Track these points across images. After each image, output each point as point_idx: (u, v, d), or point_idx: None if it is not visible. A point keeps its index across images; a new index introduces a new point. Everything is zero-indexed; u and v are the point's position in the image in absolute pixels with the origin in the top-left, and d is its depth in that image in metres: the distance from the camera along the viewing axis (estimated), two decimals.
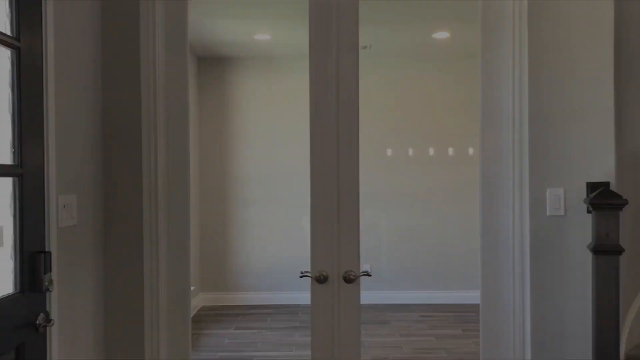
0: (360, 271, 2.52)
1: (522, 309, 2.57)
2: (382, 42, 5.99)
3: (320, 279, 2.43)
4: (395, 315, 6.09)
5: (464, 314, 6.02)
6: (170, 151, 2.56)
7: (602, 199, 2.32)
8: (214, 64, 6.69)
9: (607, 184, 2.50)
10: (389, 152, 6.68)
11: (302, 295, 6.33)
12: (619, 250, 2.31)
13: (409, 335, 5.36)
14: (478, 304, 2.71)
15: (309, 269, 2.45)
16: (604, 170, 2.57)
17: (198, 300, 6.53)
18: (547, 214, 2.55)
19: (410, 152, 6.67)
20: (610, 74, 2.58)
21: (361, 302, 2.56)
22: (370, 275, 2.52)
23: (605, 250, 2.32)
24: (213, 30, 5.54)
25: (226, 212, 6.71)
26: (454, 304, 6.48)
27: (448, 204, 6.64)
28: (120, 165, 2.49)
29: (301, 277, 2.46)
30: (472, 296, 5.90)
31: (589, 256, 2.48)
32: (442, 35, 5.75)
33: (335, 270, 2.47)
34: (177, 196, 2.57)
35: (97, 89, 2.45)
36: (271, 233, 6.68)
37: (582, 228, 2.54)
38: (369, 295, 6.55)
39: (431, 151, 6.67)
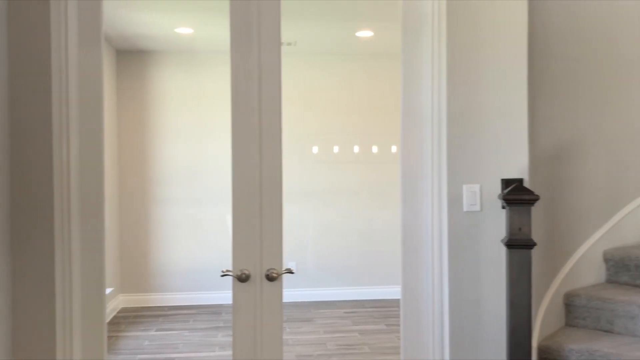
0: (284, 269, 2.50)
1: (441, 302, 2.63)
2: (307, 38, 5.99)
3: (242, 278, 2.39)
4: (320, 312, 6.11)
5: (388, 309, 6.12)
6: (83, 147, 2.45)
7: (515, 194, 2.40)
8: (134, 58, 6.49)
9: (520, 181, 2.59)
10: (315, 149, 6.70)
11: (226, 295, 6.26)
12: (530, 244, 2.40)
13: (333, 332, 5.39)
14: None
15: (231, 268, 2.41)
16: (518, 167, 2.66)
17: (117, 302, 6.33)
18: (464, 210, 2.62)
19: (336, 149, 6.72)
20: (524, 74, 2.68)
21: (286, 300, 2.54)
22: (292, 273, 2.50)
23: (518, 244, 2.40)
24: (132, 23, 5.37)
25: (147, 211, 6.53)
26: (378, 300, 6.58)
27: (373, 202, 6.74)
28: (29, 162, 2.36)
29: (222, 276, 2.42)
30: (396, 291, 6.02)
31: (503, 250, 2.57)
32: (366, 34, 5.81)
33: (257, 268, 2.43)
34: (90, 194, 2.47)
35: (2, 87, 2.30)
36: (195, 232, 6.55)
37: (497, 223, 2.62)
38: (294, 293, 6.57)
39: (356, 149, 6.73)
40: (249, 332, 2.46)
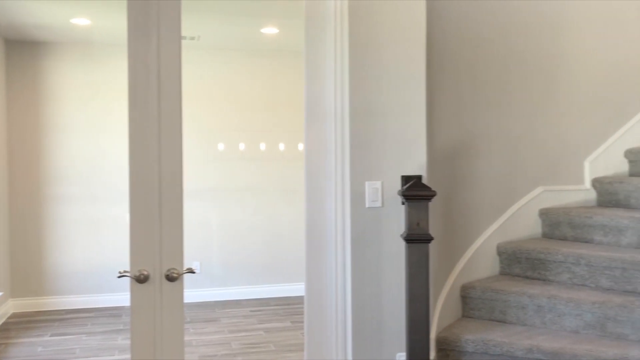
0: (185, 269, 2.43)
1: (344, 298, 2.66)
2: (211, 33, 5.89)
3: (140, 279, 2.30)
4: (225, 311, 6.04)
5: (294, 306, 6.14)
6: None
7: (413, 190, 2.46)
8: (26, 48, 6.12)
9: (419, 177, 2.66)
10: (221, 146, 6.60)
11: (127, 297, 6.04)
12: (428, 239, 2.47)
13: (238, 331, 5.34)
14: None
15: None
16: (418, 164, 2.74)
17: (7, 307, 5.95)
18: (367, 206, 2.66)
19: (242, 146, 6.65)
20: (422, 74, 2.75)
21: (190, 301, 2.49)
22: (194, 273, 2.44)
23: (416, 238, 2.47)
24: (24, 11, 5.06)
25: (41, 211, 6.19)
26: (284, 297, 6.58)
27: (279, 199, 6.72)
28: None
29: (119, 277, 2.32)
30: (302, 288, 6.05)
31: (404, 245, 2.63)
32: (271, 30, 5.78)
33: (157, 268, 2.36)
34: None
35: None
36: (93, 231, 6.28)
37: (398, 218, 2.68)
38: (198, 293, 6.45)
39: (263, 146, 6.70)
40: (148, 334, 2.37)
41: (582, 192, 3.73)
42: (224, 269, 6.58)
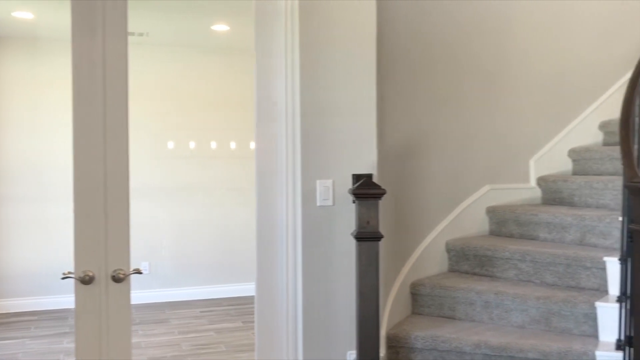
0: (132, 269, 2.38)
1: (295, 297, 2.65)
2: (161, 30, 5.78)
3: (85, 280, 2.24)
4: (176, 312, 5.94)
5: (246, 306, 6.09)
6: None
7: (363, 189, 2.47)
8: None
9: (370, 176, 2.67)
10: (171, 145, 6.49)
11: (72, 299, 5.87)
12: (378, 237, 2.49)
13: (188, 332, 5.26)
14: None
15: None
16: (368, 162, 2.75)
17: None
18: (318, 205, 2.66)
19: (193, 145, 6.56)
20: (373, 73, 2.76)
21: (139, 302, 2.43)
22: (141, 273, 2.39)
23: (366, 237, 2.48)
24: None
25: None
26: (236, 297, 6.52)
27: (231, 198, 6.66)
28: None
29: (63, 278, 2.25)
30: (254, 288, 6.00)
31: (354, 243, 2.64)
32: (221, 27, 5.72)
33: (102, 269, 2.30)
34: None
35: None
36: (36, 232, 6.08)
37: (348, 217, 2.69)
38: (147, 294, 6.32)
39: (213, 144, 6.62)
40: (93, 336, 2.31)
41: (528, 191, 3.83)
42: (174, 269, 6.48)
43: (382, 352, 2.89)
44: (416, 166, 3.41)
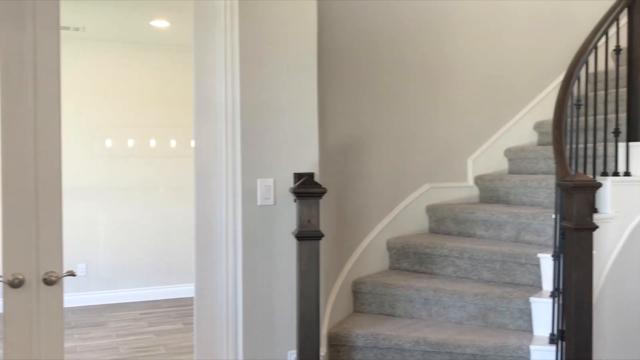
0: (65, 271, 2.29)
1: (235, 298, 2.61)
2: (97, 24, 5.61)
3: (14, 283, 2.14)
4: (113, 315, 5.79)
5: (187, 308, 5.99)
6: None
7: (304, 188, 2.46)
8: None
9: (311, 175, 2.67)
10: (109, 142, 6.31)
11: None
12: (319, 236, 2.48)
13: (126, 335, 5.13)
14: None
15: None
16: (310, 161, 2.74)
17: None
18: (258, 204, 2.63)
19: (131, 143, 6.40)
20: (314, 71, 2.75)
21: (75, 305, 2.35)
22: (74, 275, 2.31)
23: (307, 236, 2.47)
24: None
25: None
26: (176, 299, 6.41)
27: (170, 197, 6.53)
28: None
29: None
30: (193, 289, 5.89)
31: (295, 242, 2.62)
32: (161, 23, 5.61)
33: (33, 272, 2.20)
34: None
35: None
36: None
37: (289, 216, 2.67)
38: (84, 296, 6.13)
39: (153, 143, 6.48)
40: (24, 342, 2.22)
41: (466, 189, 3.91)
42: (111, 270, 6.31)
43: (323, 351, 2.89)
44: (358, 165, 3.43)
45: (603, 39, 3.15)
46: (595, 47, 3.00)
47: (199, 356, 2.63)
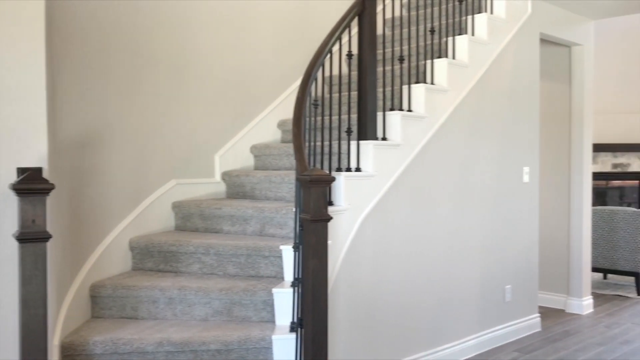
0: None
1: None
2: None
3: None
4: None
5: None
6: None
7: (26, 184, 2.19)
8: None
9: (39, 169, 2.40)
10: None
11: None
12: (45, 237, 2.23)
13: None
14: None
15: None
16: (37, 155, 2.46)
17: None
18: None
19: None
20: (42, 60, 2.47)
21: None
22: None
23: (31, 237, 2.20)
24: None
25: None
26: None
27: None
28: None
29: None
30: None
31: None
32: None
33: None
34: None
35: None
36: None
37: (15, 216, 2.37)
38: None
39: None
40: None
41: (214, 185, 3.90)
42: None
43: None
44: (97, 159, 3.20)
45: (337, 45, 3.37)
46: (331, 52, 3.19)
47: None
